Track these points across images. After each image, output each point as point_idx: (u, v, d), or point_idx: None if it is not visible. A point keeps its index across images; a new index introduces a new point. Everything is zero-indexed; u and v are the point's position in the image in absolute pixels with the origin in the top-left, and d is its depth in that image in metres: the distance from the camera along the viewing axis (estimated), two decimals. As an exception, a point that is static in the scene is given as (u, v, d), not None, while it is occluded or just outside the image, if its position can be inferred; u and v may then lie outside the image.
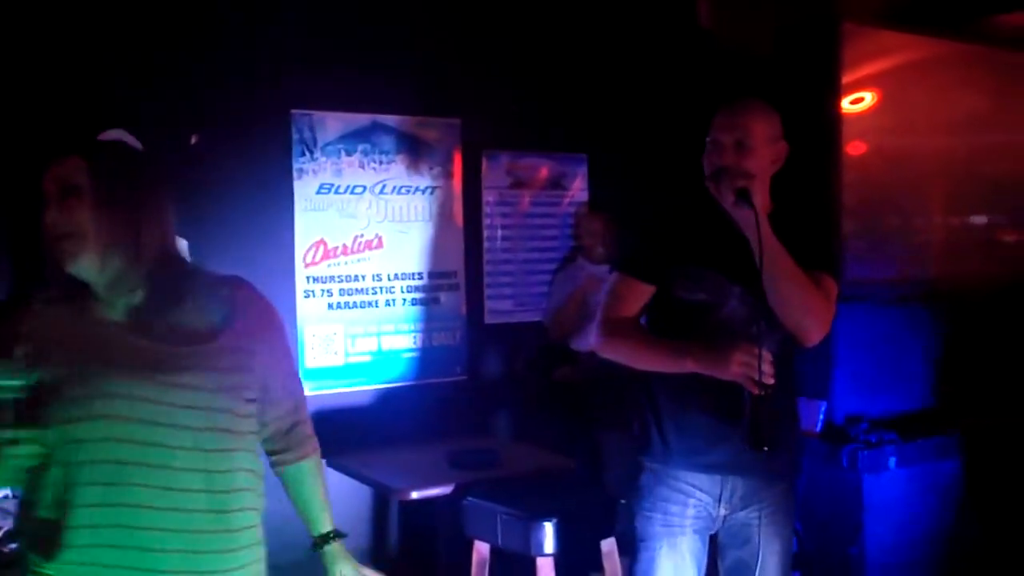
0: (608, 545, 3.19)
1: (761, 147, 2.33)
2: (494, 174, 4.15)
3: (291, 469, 1.96)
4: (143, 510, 1.64)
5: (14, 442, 1.62)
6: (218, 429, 1.73)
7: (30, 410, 1.61)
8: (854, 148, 4.20)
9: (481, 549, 3.19)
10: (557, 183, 4.32)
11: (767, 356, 2.16)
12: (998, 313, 4.55)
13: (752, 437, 2.18)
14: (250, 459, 1.81)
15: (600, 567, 3.30)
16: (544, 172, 4.28)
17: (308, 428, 1.99)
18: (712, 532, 2.42)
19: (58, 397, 1.61)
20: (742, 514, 2.38)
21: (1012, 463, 4.16)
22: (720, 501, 2.36)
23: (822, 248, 2.44)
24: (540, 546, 2.96)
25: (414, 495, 3.21)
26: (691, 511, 2.35)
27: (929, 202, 4.54)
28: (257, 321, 1.85)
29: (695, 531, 2.37)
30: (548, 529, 2.95)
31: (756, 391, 2.15)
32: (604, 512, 3.17)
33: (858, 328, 4.13)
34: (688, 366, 2.24)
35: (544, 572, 2.99)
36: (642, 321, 2.42)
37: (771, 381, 2.15)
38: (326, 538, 1.98)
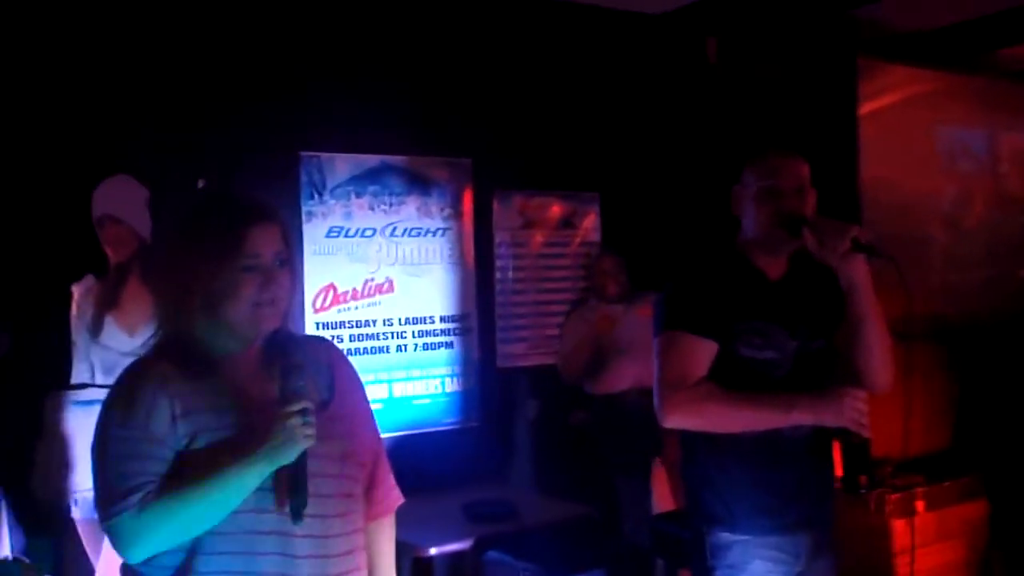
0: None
1: (810, 193, 2.28)
2: (505, 214, 4.07)
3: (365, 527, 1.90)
4: None
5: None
6: (340, 495, 1.72)
7: (173, 472, 1.59)
8: (867, 182, 4.14)
9: (503, 606, 3.07)
10: (569, 222, 4.24)
11: (866, 395, 2.13)
12: (1014, 349, 4.47)
13: (848, 482, 2.17)
14: (362, 520, 1.79)
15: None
16: (556, 211, 4.20)
17: (385, 487, 1.92)
18: None
19: (206, 458, 1.59)
20: (810, 565, 2.28)
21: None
22: (799, 558, 2.25)
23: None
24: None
25: (432, 551, 3.09)
26: None
27: (946, 237, 4.48)
28: (351, 383, 1.85)
29: None
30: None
31: (867, 434, 2.12)
32: (627, 564, 3.06)
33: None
34: (795, 417, 2.14)
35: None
36: None
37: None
38: None
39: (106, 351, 2.97)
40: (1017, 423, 4.25)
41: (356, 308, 3.67)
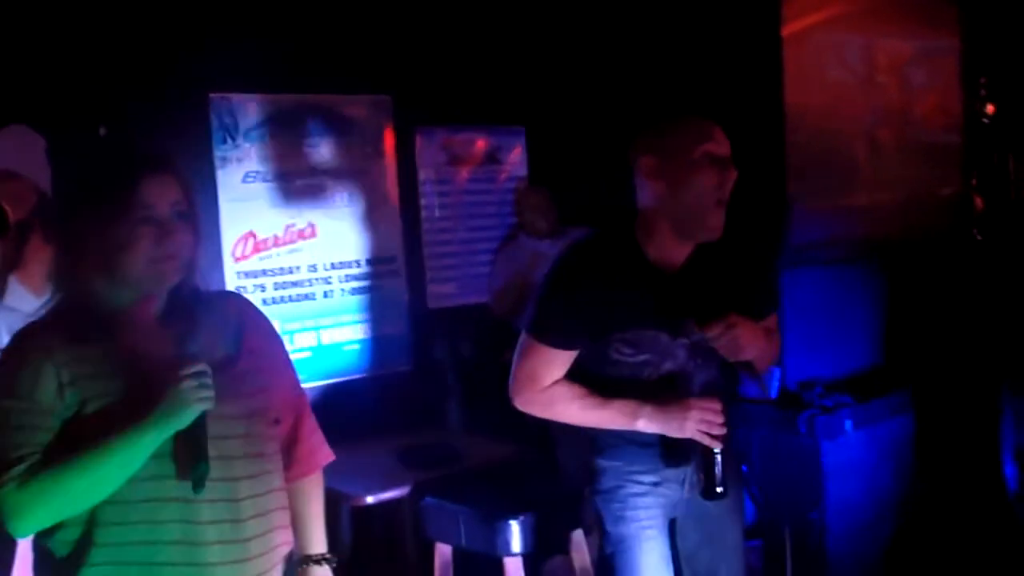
0: (576, 536, 3.07)
1: None
2: (429, 151, 3.95)
3: (289, 486, 1.85)
4: (168, 546, 1.59)
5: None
6: (249, 456, 1.67)
7: (61, 441, 1.54)
8: (793, 105, 4.11)
9: (444, 551, 3.05)
10: (494, 157, 4.14)
11: (718, 407, 2.10)
12: (939, 266, 4.55)
13: (706, 487, 2.14)
14: (278, 479, 1.76)
15: (566, 554, 3.19)
16: (481, 146, 4.09)
17: (310, 444, 1.89)
18: (674, 515, 2.31)
19: (98, 425, 1.53)
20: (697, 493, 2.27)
21: (959, 414, 4.17)
22: (684, 485, 2.25)
23: (772, 285, 2.33)
24: (507, 545, 2.82)
25: (369, 500, 3.04)
26: (662, 500, 2.24)
27: (869, 158, 4.50)
28: (264, 337, 1.81)
29: (664, 522, 2.27)
30: (515, 528, 2.81)
31: (716, 446, 2.10)
32: (568, 503, 3.05)
33: (805, 292, 4.08)
34: (641, 425, 2.13)
35: (512, 572, 2.86)
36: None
37: (725, 431, 2.11)
38: (315, 559, 1.87)
39: (12, 313, 2.81)
40: (944, 338, 4.34)
41: (278, 255, 3.55)
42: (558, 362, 2.15)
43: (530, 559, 2.97)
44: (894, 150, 4.67)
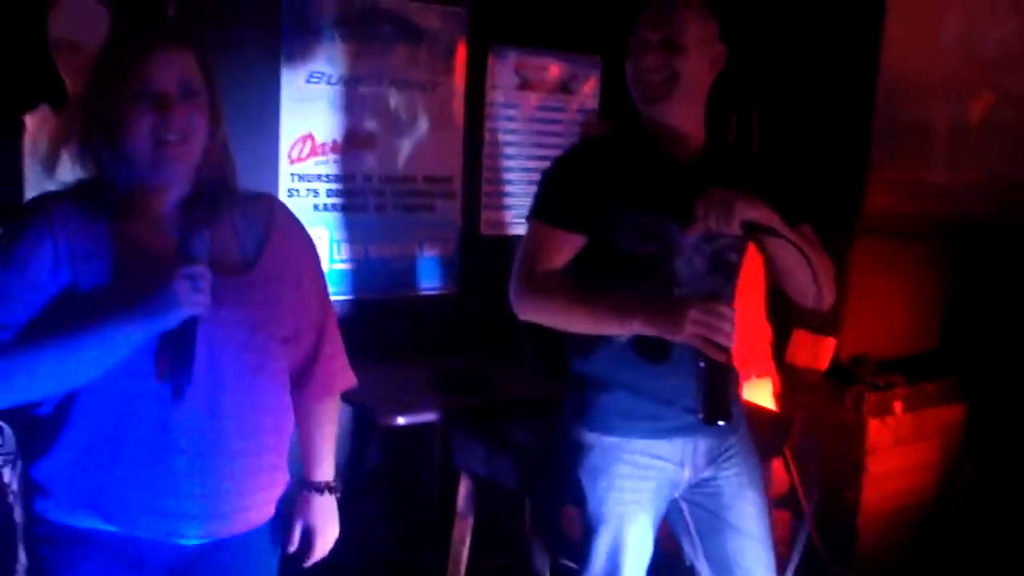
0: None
1: (695, 48, 2.01)
2: (500, 72, 3.79)
3: (302, 406, 1.79)
4: (137, 445, 1.52)
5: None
6: (244, 367, 1.59)
7: (44, 319, 1.49)
8: (888, 68, 3.89)
9: (468, 482, 2.99)
10: (567, 87, 3.98)
11: (729, 312, 1.86)
12: (1012, 256, 4.33)
13: (707, 410, 1.90)
14: (280, 397, 1.68)
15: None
16: (554, 73, 3.93)
17: (330, 366, 1.80)
18: (674, 497, 2.15)
19: (83, 310, 1.47)
20: (707, 472, 2.12)
21: (1013, 409, 4.01)
22: (684, 465, 2.09)
23: (797, 199, 2.13)
24: (530, 485, 2.75)
25: (400, 420, 2.98)
26: (652, 484, 2.07)
27: (955, 133, 4.26)
28: (293, 248, 1.71)
29: (653, 502, 2.10)
30: (538, 469, 2.73)
31: (718, 357, 1.85)
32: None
33: (874, 263, 3.93)
34: (634, 328, 1.92)
35: (531, 513, 2.81)
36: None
37: (732, 344, 1.86)
38: (318, 487, 1.81)
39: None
40: (1004, 328, 4.16)
41: (335, 162, 3.45)
42: (561, 249, 2.00)
43: (552, 501, 2.90)
44: (983, 127, 4.43)
